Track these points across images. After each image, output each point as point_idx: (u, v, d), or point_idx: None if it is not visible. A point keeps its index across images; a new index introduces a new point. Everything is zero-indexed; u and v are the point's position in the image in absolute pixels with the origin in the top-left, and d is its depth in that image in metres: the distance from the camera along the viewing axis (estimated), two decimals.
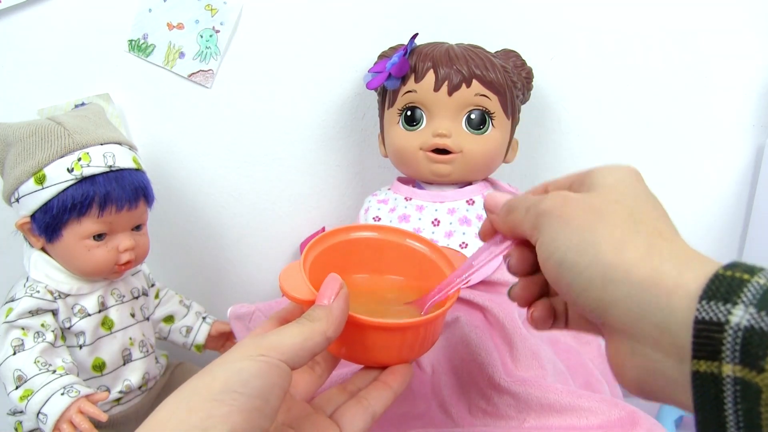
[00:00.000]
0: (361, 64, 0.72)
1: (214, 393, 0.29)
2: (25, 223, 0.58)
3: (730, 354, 0.22)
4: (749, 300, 0.22)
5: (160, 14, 0.69)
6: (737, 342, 0.21)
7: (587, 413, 0.50)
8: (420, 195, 0.64)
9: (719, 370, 0.22)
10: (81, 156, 0.56)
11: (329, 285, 0.36)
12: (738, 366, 0.21)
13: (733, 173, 0.77)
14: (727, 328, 0.22)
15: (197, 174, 0.76)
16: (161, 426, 0.28)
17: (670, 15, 0.71)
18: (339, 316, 0.35)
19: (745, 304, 0.22)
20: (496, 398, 0.54)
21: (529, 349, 0.57)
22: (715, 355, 0.22)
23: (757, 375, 0.21)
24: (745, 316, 0.21)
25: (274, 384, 0.31)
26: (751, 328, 0.21)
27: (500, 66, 0.62)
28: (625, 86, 0.74)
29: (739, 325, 0.22)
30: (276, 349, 0.32)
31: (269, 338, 0.32)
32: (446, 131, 0.60)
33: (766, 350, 0.21)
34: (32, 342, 0.55)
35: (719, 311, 0.22)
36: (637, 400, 0.53)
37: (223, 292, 0.82)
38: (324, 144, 0.76)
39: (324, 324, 0.34)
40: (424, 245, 0.46)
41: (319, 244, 0.44)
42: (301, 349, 0.32)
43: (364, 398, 0.38)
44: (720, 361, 0.22)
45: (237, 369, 0.30)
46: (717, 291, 0.23)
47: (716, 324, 0.22)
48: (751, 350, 0.21)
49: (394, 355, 0.40)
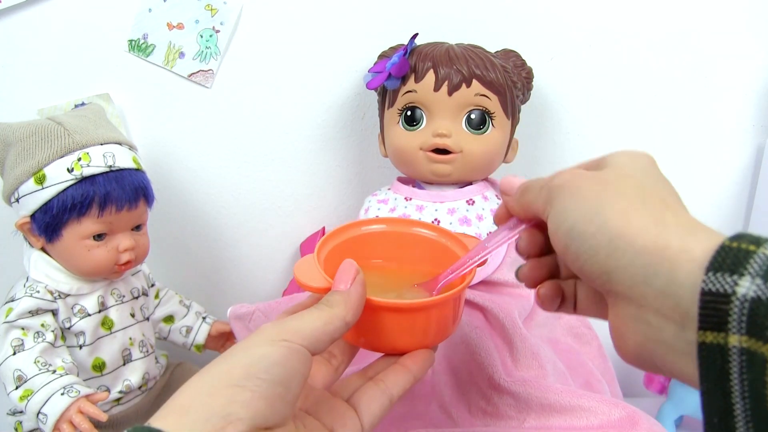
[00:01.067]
0: (361, 65, 0.72)
1: (237, 379, 0.29)
2: (25, 223, 0.58)
3: (736, 325, 0.22)
4: (756, 271, 0.22)
5: (160, 14, 0.69)
6: (744, 313, 0.22)
7: (587, 413, 0.50)
8: (420, 195, 0.64)
9: (725, 341, 0.22)
10: (81, 156, 0.56)
11: (345, 271, 0.36)
12: (744, 336, 0.22)
13: (733, 173, 0.77)
14: (734, 299, 0.22)
15: (197, 174, 0.76)
16: (182, 410, 0.28)
17: (670, 15, 0.71)
18: (357, 300, 0.35)
19: (751, 275, 0.22)
20: (496, 398, 0.54)
21: (529, 349, 0.57)
22: (722, 326, 0.22)
23: (764, 345, 0.21)
24: (752, 287, 0.22)
25: (295, 370, 0.31)
26: (757, 299, 0.21)
27: (500, 66, 0.62)
28: (625, 86, 0.74)
29: (745, 296, 0.22)
30: (297, 334, 0.32)
31: (290, 323, 0.32)
32: (446, 131, 0.60)
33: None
34: (32, 342, 0.55)
35: (726, 282, 0.22)
36: (637, 400, 0.53)
37: (223, 292, 0.82)
38: (324, 144, 0.76)
39: (343, 309, 0.34)
40: (432, 231, 0.46)
41: (330, 240, 0.44)
42: (322, 334, 0.32)
43: (381, 381, 0.37)
44: (726, 332, 0.22)
45: (259, 355, 0.30)
46: (723, 262, 0.23)
47: (723, 295, 0.22)
48: (757, 321, 0.21)
49: (413, 340, 0.40)
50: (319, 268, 0.39)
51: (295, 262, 0.40)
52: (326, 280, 0.37)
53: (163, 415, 0.28)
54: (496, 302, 0.59)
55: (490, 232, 0.42)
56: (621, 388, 0.63)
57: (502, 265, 0.62)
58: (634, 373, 0.79)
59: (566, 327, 0.64)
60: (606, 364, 0.63)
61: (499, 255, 0.62)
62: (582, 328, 0.64)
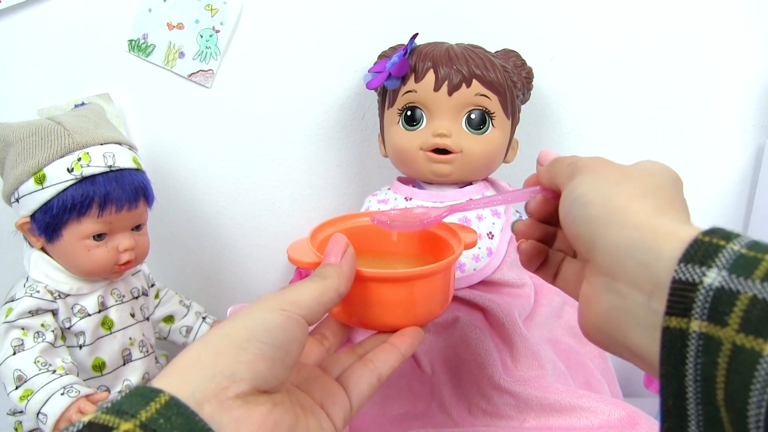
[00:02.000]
0: (361, 64, 0.72)
1: (240, 341, 0.30)
2: (25, 223, 0.58)
3: (699, 311, 0.23)
4: (723, 264, 0.23)
5: (160, 14, 0.69)
6: (707, 301, 0.23)
7: (588, 413, 0.50)
8: (420, 195, 0.64)
9: (687, 326, 0.24)
10: (81, 156, 0.56)
11: (336, 244, 0.38)
12: (705, 322, 0.23)
13: (733, 173, 0.77)
14: (700, 288, 0.23)
15: (197, 174, 0.76)
16: (187, 369, 0.29)
17: (670, 15, 0.71)
18: (348, 271, 0.37)
19: (718, 267, 0.23)
20: (496, 398, 0.54)
21: (529, 349, 0.57)
22: (686, 312, 0.24)
23: (721, 329, 0.23)
24: (717, 278, 0.23)
25: (294, 337, 0.32)
26: (721, 289, 0.23)
27: (500, 66, 0.62)
28: (625, 86, 0.74)
29: (711, 286, 0.23)
30: (295, 304, 0.33)
31: (288, 293, 0.34)
32: (446, 131, 0.60)
33: (732, 308, 0.22)
34: (32, 342, 0.55)
35: (695, 273, 0.24)
36: (637, 400, 0.53)
37: (223, 292, 0.82)
38: (324, 144, 0.76)
39: (336, 280, 0.36)
40: None
41: (323, 228, 0.45)
42: (317, 304, 0.34)
43: (370, 361, 0.38)
44: (689, 317, 0.24)
45: (261, 319, 0.31)
46: (695, 254, 0.24)
47: (691, 284, 0.24)
48: (718, 308, 0.23)
49: (402, 314, 0.40)
50: (311, 247, 0.40)
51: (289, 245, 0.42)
52: (317, 256, 0.39)
53: (166, 374, 0.29)
54: (496, 302, 0.59)
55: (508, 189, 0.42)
56: (621, 389, 0.63)
57: (502, 264, 0.62)
58: (634, 373, 0.79)
59: (566, 327, 0.65)
60: (606, 364, 0.63)
61: (499, 255, 0.62)
62: None
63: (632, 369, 0.85)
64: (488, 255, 0.61)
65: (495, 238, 0.62)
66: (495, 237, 0.62)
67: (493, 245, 0.62)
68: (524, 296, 0.62)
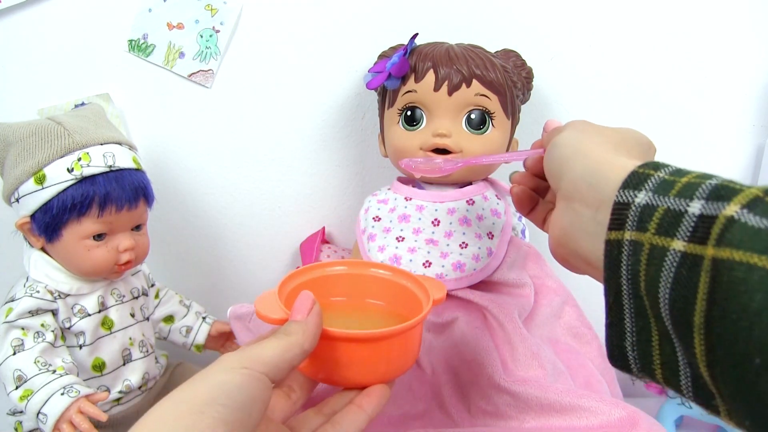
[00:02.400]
0: (360, 65, 0.72)
1: (199, 405, 0.29)
2: (25, 223, 0.58)
3: (630, 224, 0.29)
4: (649, 187, 0.29)
5: (160, 14, 0.69)
6: (636, 215, 0.29)
7: (588, 413, 0.50)
8: (420, 195, 0.64)
9: (622, 237, 0.30)
10: (81, 156, 0.56)
11: (302, 301, 0.38)
12: (634, 232, 0.29)
13: (733, 173, 0.77)
14: (632, 207, 0.29)
15: (197, 174, 0.76)
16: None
17: (670, 15, 0.71)
18: (313, 329, 0.37)
19: (646, 190, 0.29)
20: (496, 398, 0.54)
21: (529, 349, 0.57)
22: (622, 226, 0.30)
23: (643, 234, 0.28)
24: (645, 198, 0.29)
25: (255, 397, 0.32)
26: (646, 205, 0.29)
27: (500, 66, 0.62)
28: (624, 86, 0.74)
29: (639, 204, 0.29)
30: (257, 361, 0.33)
31: (250, 351, 0.33)
32: (446, 131, 0.60)
33: (651, 218, 0.28)
34: (32, 342, 0.55)
35: (629, 196, 0.30)
36: (637, 400, 0.53)
37: (223, 292, 0.82)
38: (324, 144, 0.76)
39: (300, 336, 0.36)
40: (389, 272, 0.49)
41: (291, 279, 0.45)
42: (281, 361, 0.34)
43: (338, 423, 0.38)
44: (624, 230, 0.29)
45: (220, 381, 0.31)
46: (631, 182, 0.30)
47: (626, 204, 0.30)
48: (643, 219, 0.29)
49: (369, 372, 0.40)
50: (279, 302, 0.40)
51: (257, 297, 0.42)
52: (285, 312, 0.38)
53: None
54: (496, 302, 0.59)
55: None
56: (621, 389, 0.63)
57: (502, 264, 0.62)
58: None
59: (566, 327, 0.65)
60: (606, 364, 0.63)
61: (499, 255, 0.62)
62: (582, 328, 0.64)
63: None
64: (488, 255, 0.61)
65: (495, 238, 0.62)
66: (495, 237, 0.62)
67: (493, 245, 0.62)
68: (524, 296, 0.62)
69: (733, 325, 0.24)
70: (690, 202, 0.27)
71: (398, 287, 0.47)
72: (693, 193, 0.27)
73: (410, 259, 0.61)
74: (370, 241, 0.64)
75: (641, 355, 0.30)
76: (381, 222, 0.64)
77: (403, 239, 0.62)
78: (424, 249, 0.61)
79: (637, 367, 0.31)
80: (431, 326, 0.60)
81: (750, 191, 0.26)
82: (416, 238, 0.62)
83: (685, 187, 0.28)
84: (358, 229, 0.67)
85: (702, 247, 0.26)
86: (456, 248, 0.61)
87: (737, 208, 0.25)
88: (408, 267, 0.61)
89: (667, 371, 0.29)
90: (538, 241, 0.75)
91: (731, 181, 0.27)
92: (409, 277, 0.47)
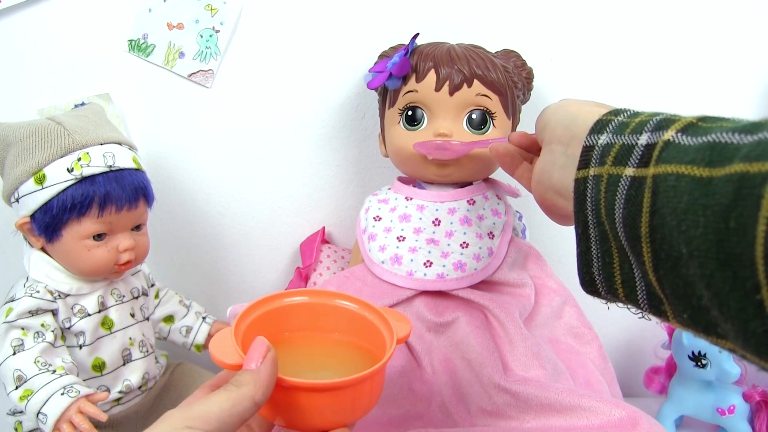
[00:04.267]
0: (360, 65, 0.72)
1: None
2: (24, 223, 0.58)
3: (594, 161, 0.34)
4: (610, 129, 0.34)
5: (160, 14, 0.69)
6: (598, 153, 0.34)
7: (588, 413, 0.50)
8: (421, 195, 0.64)
9: (587, 174, 0.34)
10: (81, 156, 0.56)
11: (256, 348, 0.35)
12: (597, 167, 0.33)
13: None
14: (596, 147, 0.34)
15: (197, 174, 0.76)
16: None
17: (670, 15, 0.71)
18: (266, 379, 0.34)
19: (608, 132, 0.34)
20: (496, 398, 0.54)
21: (529, 349, 0.57)
22: (587, 164, 0.34)
23: (603, 168, 0.33)
24: (605, 138, 0.34)
25: None
26: (606, 144, 0.33)
27: (501, 66, 0.62)
28: (624, 86, 0.74)
29: (601, 144, 0.34)
30: (202, 419, 0.31)
31: (195, 408, 0.32)
32: (448, 131, 0.60)
33: (609, 153, 0.33)
34: (32, 342, 0.55)
35: (594, 139, 0.35)
36: (637, 400, 0.53)
37: (223, 292, 0.82)
38: (324, 144, 0.76)
39: (252, 388, 0.33)
40: (355, 304, 0.46)
41: (250, 312, 0.43)
42: (229, 416, 0.32)
43: None
44: (589, 167, 0.34)
45: None
46: (596, 127, 0.35)
47: (591, 147, 0.34)
48: (603, 155, 0.33)
49: (330, 418, 0.38)
50: (235, 344, 0.38)
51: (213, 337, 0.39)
52: (240, 356, 0.36)
53: None
54: (496, 302, 0.59)
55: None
56: (621, 389, 0.63)
57: (502, 264, 0.62)
58: (634, 373, 0.79)
59: (566, 327, 0.65)
60: (606, 364, 0.63)
61: (500, 255, 0.62)
62: (582, 328, 0.64)
63: (632, 369, 0.86)
64: (489, 255, 0.61)
65: (496, 237, 0.62)
66: (496, 237, 0.62)
67: (494, 245, 0.62)
68: (525, 296, 0.62)
69: (668, 228, 0.28)
70: (639, 136, 0.32)
71: (362, 320, 0.45)
72: (642, 128, 0.32)
73: (411, 258, 0.61)
74: (370, 240, 0.64)
75: (606, 278, 0.34)
76: (381, 222, 0.64)
77: (403, 239, 0.62)
78: (425, 249, 0.61)
79: (604, 290, 0.35)
80: (432, 326, 0.60)
81: (686, 119, 0.30)
82: (417, 238, 0.62)
83: (638, 125, 0.32)
84: (358, 228, 0.67)
85: (645, 170, 0.30)
86: (457, 248, 0.61)
87: (673, 132, 0.30)
88: (409, 267, 0.61)
89: (627, 288, 0.33)
90: (538, 240, 0.75)
91: (676, 114, 0.31)
92: (374, 311, 0.45)
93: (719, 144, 0.27)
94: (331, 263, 0.73)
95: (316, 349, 0.45)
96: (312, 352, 0.45)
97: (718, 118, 0.30)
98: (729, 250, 0.25)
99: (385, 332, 0.43)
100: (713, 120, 0.29)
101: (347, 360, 0.44)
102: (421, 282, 0.61)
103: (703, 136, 0.28)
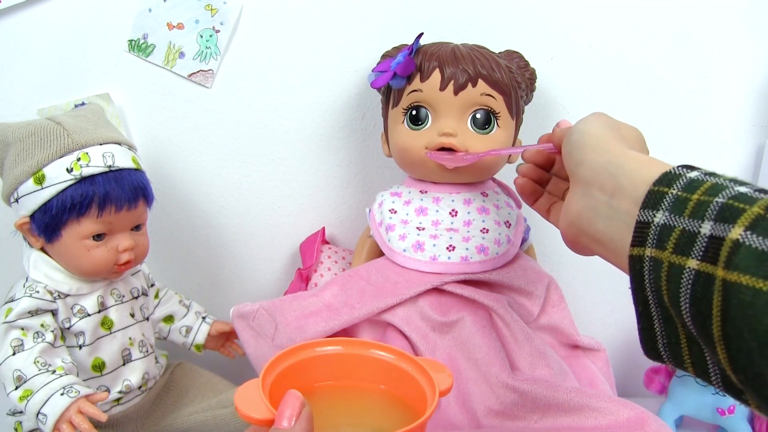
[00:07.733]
0: (361, 65, 0.72)
1: None
2: (24, 223, 0.58)
3: (651, 242, 0.32)
4: (666, 206, 0.32)
5: (160, 14, 0.69)
6: (656, 234, 0.32)
7: (596, 413, 0.50)
8: (435, 187, 0.65)
9: (643, 252, 0.32)
10: (80, 156, 0.56)
11: (289, 403, 0.33)
12: (654, 249, 0.31)
13: (733, 173, 0.77)
14: (652, 226, 0.32)
15: (197, 174, 0.76)
16: None
17: (670, 15, 0.71)
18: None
19: (663, 209, 0.32)
20: (504, 397, 0.54)
21: (535, 349, 0.57)
22: (643, 243, 0.32)
23: (662, 253, 0.31)
24: (662, 217, 0.32)
25: None
26: (664, 225, 0.31)
27: (505, 66, 0.62)
28: (624, 86, 0.74)
29: (658, 224, 0.32)
30: None
31: None
32: (452, 130, 0.60)
33: (669, 237, 0.31)
34: (32, 342, 0.55)
35: (649, 215, 0.32)
36: (637, 400, 0.53)
37: (223, 292, 0.81)
38: (324, 144, 0.76)
39: None
40: (391, 354, 0.44)
41: (279, 362, 0.41)
42: None
43: None
44: (644, 246, 0.32)
45: None
46: (649, 201, 0.33)
47: (646, 224, 0.32)
48: (662, 238, 0.31)
49: None
50: (263, 396, 0.35)
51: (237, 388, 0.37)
52: (270, 410, 0.34)
53: None
54: (502, 302, 0.59)
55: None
56: (621, 389, 0.63)
57: (515, 265, 0.63)
58: (634, 373, 0.79)
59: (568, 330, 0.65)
60: (607, 368, 0.64)
61: (516, 243, 0.63)
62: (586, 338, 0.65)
63: (632, 369, 0.85)
64: (507, 242, 0.62)
65: (512, 227, 0.64)
66: (512, 226, 0.64)
67: (510, 233, 0.63)
68: (532, 304, 0.63)
69: (746, 344, 0.26)
70: (702, 223, 0.30)
71: (399, 371, 0.43)
72: (704, 213, 0.30)
73: (433, 244, 0.61)
74: (389, 231, 0.63)
75: (673, 356, 0.33)
76: (398, 214, 0.64)
77: (423, 229, 0.62)
78: (446, 235, 0.62)
79: (671, 364, 0.34)
80: (436, 325, 0.60)
81: (752, 210, 0.28)
82: (436, 228, 0.62)
83: (696, 206, 0.30)
84: (373, 222, 0.66)
85: (713, 267, 0.28)
86: (477, 233, 0.62)
87: (741, 230, 0.27)
88: (432, 251, 0.61)
89: (698, 369, 0.32)
90: (538, 240, 0.75)
91: (737, 197, 0.29)
92: (412, 361, 0.42)
93: None
94: (332, 264, 0.72)
95: (349, 402, 0.43)
96: (345, 405, 0.43)
97: None
98: None
99: (425, 384, 0.41)
100: None
101: (383, 413, 0.42)
102: (445, 265, 0.61)
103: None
